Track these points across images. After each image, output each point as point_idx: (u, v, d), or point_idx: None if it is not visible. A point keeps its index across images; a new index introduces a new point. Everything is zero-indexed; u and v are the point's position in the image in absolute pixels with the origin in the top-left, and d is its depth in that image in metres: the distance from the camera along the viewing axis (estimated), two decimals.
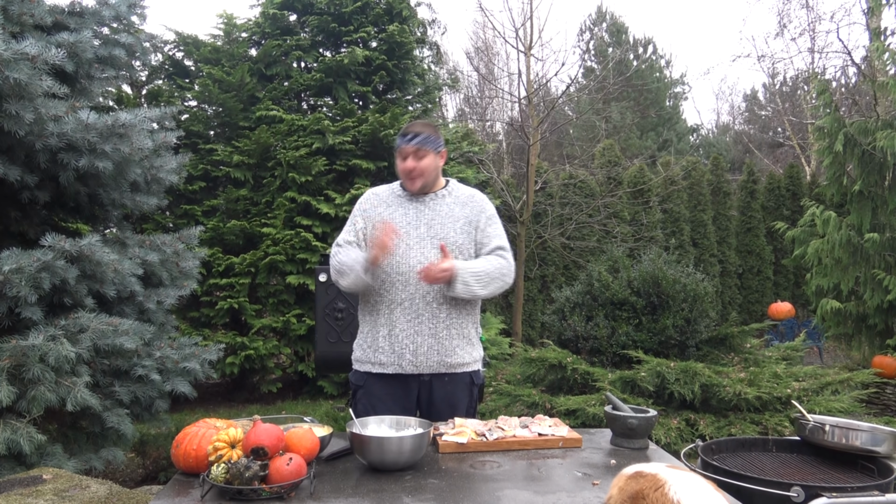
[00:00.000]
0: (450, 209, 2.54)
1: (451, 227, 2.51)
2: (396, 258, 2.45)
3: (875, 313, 6.33)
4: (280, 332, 6.57)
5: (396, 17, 7.37)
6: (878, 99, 8.50)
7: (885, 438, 2.22)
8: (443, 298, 2.46)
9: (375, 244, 2.31)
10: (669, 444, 3.94)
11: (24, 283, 2.94)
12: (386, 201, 2.56)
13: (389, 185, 2.64)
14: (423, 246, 2.47)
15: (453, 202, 2.56)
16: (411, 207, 2.53)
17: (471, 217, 2.54)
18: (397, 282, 2.46)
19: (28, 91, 3.03)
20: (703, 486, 1.25)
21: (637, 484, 1.28)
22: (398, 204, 2.55)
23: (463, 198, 2.59)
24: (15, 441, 2.78)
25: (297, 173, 6.59)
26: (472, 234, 2.53)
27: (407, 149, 2.46)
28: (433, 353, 2.46)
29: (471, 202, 2.58)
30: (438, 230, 2.49)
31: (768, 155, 19.60)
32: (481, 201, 2.61)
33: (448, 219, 2.52)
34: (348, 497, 1.77)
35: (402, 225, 2.49)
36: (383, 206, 2.54)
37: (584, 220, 9.46)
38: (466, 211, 2.55)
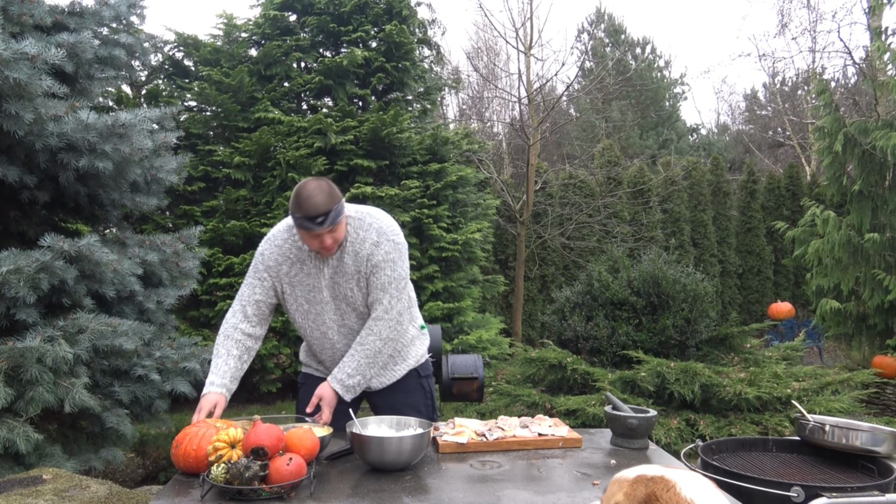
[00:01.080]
0: (342, 263, 2.35)
1: (347, 286, 2.37)
2: (309, 322, 2.42)
3: (875, 313, 6.33)
4: (280, 332, 6.57)
5: (396, 16, 7.36)
6: (878, 99, 8.50)
7: (885, 438, 2.22)
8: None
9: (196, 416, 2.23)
10: (669, 444, 3.94)
11: (22, 284, 2.94)
12: (289, 257, 2.37)
13: (288, 228, 2.39)
14: (330, 308, 2.39)
15: (347, 252, 2.35)
16: (312, 266, 2.36)
17: (359, 268, 2.35)
18: (314, 342, 2.48)
19: (28, 91, 3.03)
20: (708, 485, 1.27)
21: (646, 487, 1.28)
22: (301, 261, 2.36)
23: (356, 244, 2.35)
24: (11, 440, 2.78)
25: (297, 173, 6.59)
26: (362, 285, 2.37)
27: (319, 231, 2.18)
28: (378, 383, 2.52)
29: (360, 251, 2.34)
30: (337, 290, 2.36)
31: (768, 155, 19.60)
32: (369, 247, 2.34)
33: (343, 276, 2.36)
34: (348, 497, 1.77)
35: (308, 288, 2.37)
36: (287, 264, 2.37)
37: (584, 220, 9.46)
38: (357, 264, 2.35)
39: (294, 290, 2.39)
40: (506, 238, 9.49)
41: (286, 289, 2.40)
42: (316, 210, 2.14)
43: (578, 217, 9.39)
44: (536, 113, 9.02)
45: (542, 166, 10.12)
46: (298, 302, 2.40)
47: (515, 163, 13.70)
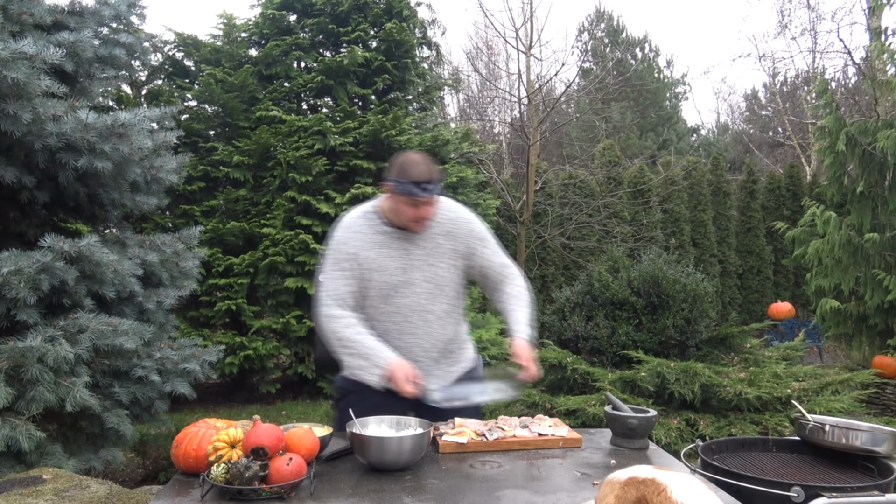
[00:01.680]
0: (435, 243, 2.35)
1: (442, 266, 2.36)
2: (389, 306, 2.33)
3: (875, 313, 6.33)
4: (280, 332, 6.56)
5: (396, 16, 7.36)
6: (878, 99, 8.50)
7: (885, 438, 2.21)
8: (436, 340, 2.39)
9: (403, 387, 2.15)
10: (669, 444, 3.94)
11: (22, 285, 2.93)
12: (371, 241, 2.31)
13: (363, 214, 2.36)
14: (416, 292, 2.34)
15: (437, 232, 2.36)
16: (399, 248, 2.32)
17: (456, 247, 2.38)
18: (391, 330, 2.36)
19: (26, 91, 3.02)
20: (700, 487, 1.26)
21: (637, 490, 1.27)
22: (383, 244, 2.31)
23: (447, 225, 2.37)
24: (14, 438, 2.78)
25: (297, 173, 6.59)
26: (458, 265, 2.39)
27: (423, 199, 2.20)
28: (427, 381, 2.40)
29: (455, 229, 2.38)
30: (429, 271, 2.34)
31: (768, 155, 19.60)
32: (465, 225, 2.40)
33: (435, 255, 2.35)
34: (348, 497, 1.77)
35: (390, 270, 2.31)
36: (368, 247, 2.30)
37: (584, 220, 9.47)
38: (452, 242, 2.37)
39: (381, 276, 2.30)
40: (506, 238, 9.50)
41: (372, 275, 2.30)
42: (425, 176, 2.18)
43: (578, 217, 9.39)
44: (536, 113, 9.02)
45: (542, 166, 10.12)
46: (382, 288, 2.31)
47: (515, 163, 13.70)
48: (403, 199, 2.22)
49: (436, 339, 2.39)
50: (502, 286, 2.46)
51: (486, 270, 2.44)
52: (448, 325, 2.43)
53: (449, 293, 2.39)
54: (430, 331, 2.37)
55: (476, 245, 2.40)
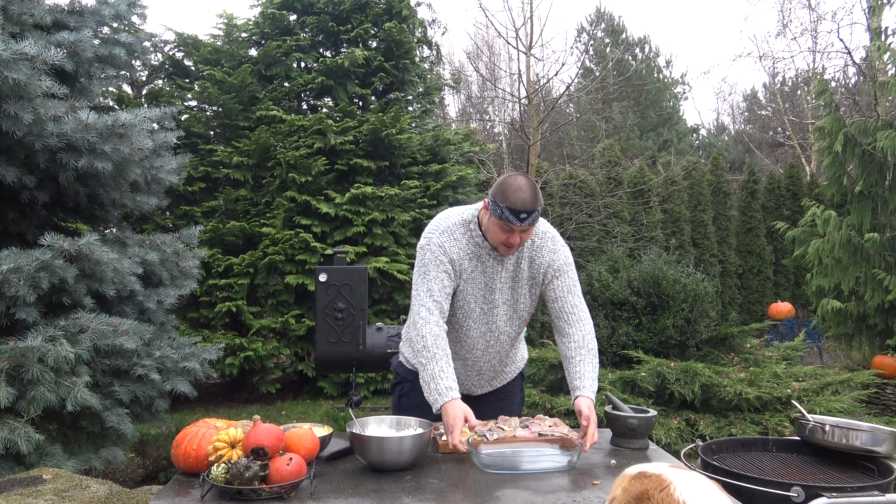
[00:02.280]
0: (520, 268, 2.32)
1: (522, 293, 2.35)
2: (470, 321, 2.32)
3: (875, 313, 6.33)
4: (279, 332, 6.56)
5: (396, 16, 7.36)
6: (878, 99, 8.50)
7: (885, 438, 2.21)
8: (503, 354, 2.44)
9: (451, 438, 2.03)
10: (669, 444, 3.94)
11: (22, 283, 2.93)
12: (468, 253, 2.26)
13: (463, 223, 2.28)
14: (497, 314, 2.33)
15: (523, 256, 2.32)
16: (490, 266, 2.28)
17: (534, 276, 2.34)
18: (465, 342, 2.36)
19: (27, 91, 3.03)
20: (707, 487, 1.24)
21: (641, 484, 1.27)
22: (479, 258, 2.26)
23: (531, 251, 2.32)
24: (12, 441, 2.78)
25: (297, 173, 6.59)
26: (535, 293, 2.37)
27: (517, 227, 2.12)
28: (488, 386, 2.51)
29: (538, 257, 2.32)
30: (510, 295, 2.33)
31: (768, 155, 19.60)
32: (549, 255, 2.32)
33: (519, 281, 2.33)
34: (348, 497, 1.77)
35: (479, 286, 2.29)
36: (467, 260, 2.26)
37: (584, 220, 9.46)
38: (532, 270, 2.33)
39: (467, 287, 2.27)
40: None
41: (461, 285, 2.27)
42: (524, 206, 2.08)
43: (578, 217, 9.39)
44: (536, 113, 9.02)
45: (542, 166, 10.12)
46: (467, 300, 2.29)
47: (516, 163, 13.69)
48: (497, 222, 2.14)
49: (504, 355, 2.46)
50: (568, 328, 2.34)
51: (553, 304, 2.36)
52: (517, 343, 2.51)
53: (524, 317, 2.41)
54: (502, 349, 2.42)
55: (552, 276, 2.34)
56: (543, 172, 9.94)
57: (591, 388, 2.22)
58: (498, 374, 2.51)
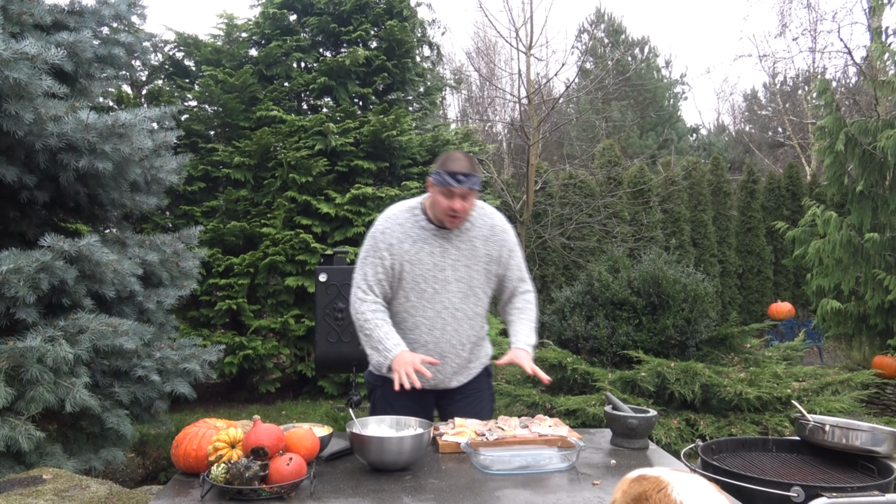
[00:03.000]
0: (472, 246, 2.44)
1: (476, 268, 2.45)
2: (423, 301, 2.40)
3: (875, 313, 6.33)
4: (279, 332, 6.57)
5: (396, 16, 7.37)
6: (878, 99, 8.50)
7: (885, 438, 2.21)
8: (465, 338, 2.48)
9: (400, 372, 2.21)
10: (669, 444, 3.94)
11: (22, 284, 2.93)
12: (411, 235, 2.39)
13: (409, 209, 2.45)
14: (450, 290, 2.42)
15: (475, 236, 2.45)
16: (437, 245, 2.40)
17: (492, 254, 2.47)
18: (422, 325, 2.43)
19: (28, 91, 3.03)
20: (705, 488, 1.26)
21: (640, 486, 1.28)
22: (423, 240, 2.39)
23: (484, 230, 2.46)
24: (13, 438, 2.78)
25: (297, 174, 6.59)
26: (492, 271, 2.49)
27: (457, 190, 2.28)
28: (453, 377, 2.53)
29: (492, 236, 2.47)
30: (463, 272, 2.43)
31: (768, 155, 19.60)
32: (501, 233, 2.50)
33: (472, 259, 2.44)
34: (348, 497, 1.77)
35: (428, 266, 2.39)
36: (409, 242, 2.38)
37: (584, 220, 9.46)
38: (488, 248, 2.46)
39: (413, 269, 2.38)
40: None
41: (405, 266, 2.38)
42: (462, 169, 2.28)
43: (578, 217, 9.39)
44: (536, 113, 9.02)
45: (542, 166, 10.12)
46: (416, 281, 2.39)
47: (516, 163, 13.70)
48: (440, 190, 2.32)
49: (464, 337, 2.48)
50: (513, 300, 2.56)
51: (505, 281, 2.54)
52: (476, 325, 2.52)
53: (480, 295, 2.49)
54: (459, 328, 2.46)
55: (506, 255, 2.51)
56: (543, 172, 9.94)
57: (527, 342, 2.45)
58: (462, 361, 2.51)
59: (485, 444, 2.12)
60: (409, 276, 2.39)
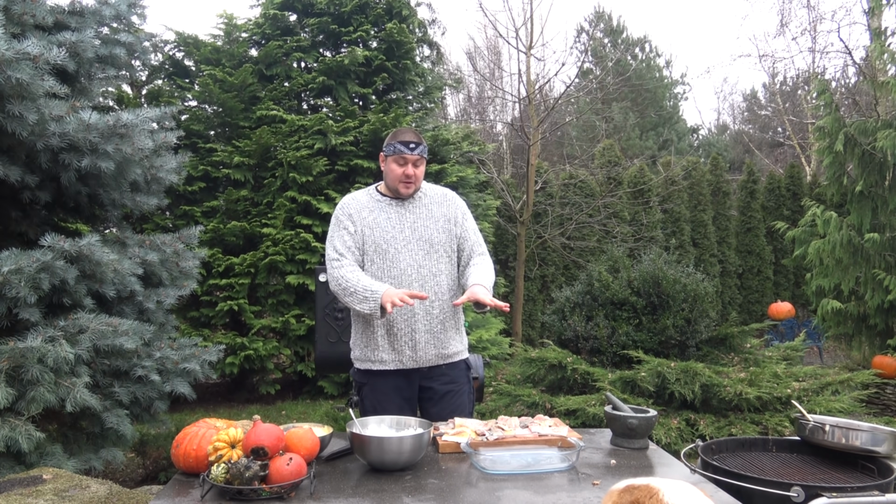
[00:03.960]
0: (429, 210, 2.67)
1: (434, 228, 2.64)
2: (387, 262, 2.57)
3: (875, 313, 6.33)
4: (279, 332, 6.56)
5: (396, 16, 7.37)
6: (878, 99, 8.51)
7: (885, 438, 2.21)
8: (434, 296, 2.58)
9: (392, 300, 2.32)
10: (669, 444, 3.94)
11: (23, 284, 2.94)
12: (368, 206, 2.64)
13: (365, 191, 2.71)
14: (411, 249, 2.59)
15: (430, 202, 2.68)
16: (393, 212, 2.63)
17: (448, 215, 2.68)
18: (390, 285, 2.52)
19: (30, 91, 3.03)
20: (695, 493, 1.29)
21: (631, 496, 1.31)
22: (380, 209, 2.63)
23: (437, 197, 2.71)
24: (13, 439, 2.78)
25: (297, 173, 6.59)
26: (452, 232, 2.67)
27: (410, 157, 2.55)
28: (430, 346, 2.59)
29: (445, 201, 2.71)
30: (422, 231, 2.62)
31: (768, 155, 19.60)
32: (454, 199, 2.74)
33: (429, 220, 2.65)
34: (348, 497, 1.77)
35: (386, 229, 2.59)
36: (367, 211, 2.62)
37: (584, 220, 9.46)
38: (444, 209, 2.68)
39: (374, 233, 2.59)
40: (506, 238, 9.50)
41: (366, 232, 2.59)
42: (410, 137, 2.56)
43: (578, 217, 9.39)
44: (536, 113, 9.02)
45: (542, 166, 10.12)
46: (377, 244, 2.57)
47: (516, 163, 13.70)
48: (393, 159, 2.57)
49: (433, 294, 2.58)
50: (470, 261, 2.69)
51: (463, 242, 2.70)
52: (443, 283, 2.61)
53: (441, 253, 2.63)
54: (426, 284, 2.58)
55: (460, 216, 2.71)
56: (543, 172, 9.94)
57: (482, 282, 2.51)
58: (435, 324, 2.58)
59: (485, 444, 2.12)
60: (370, 241, 2.58)
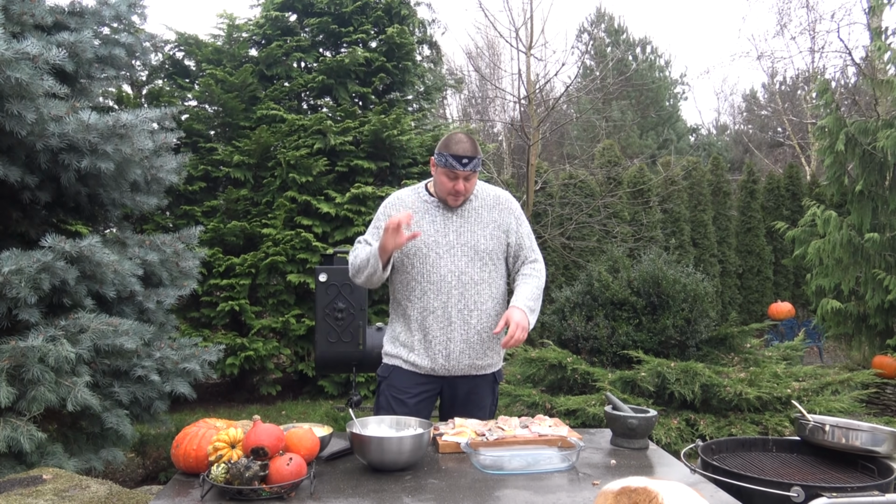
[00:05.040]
0: (478, 214, 2.53)
1: (481, 234, 2.51)
2: (427, 266, 2.47)
3: (875, 313, 6.33)
4: (280, 332, 6.56)
5: (396, 17, 7.37)
6: (878, 99, 8.51)
7: (885, 438, 2.21)
8: (473, 305, 2.49)
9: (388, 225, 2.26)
10: (669, 444, 3.94)
11: (23, 284, 2.94)
12: (412, 207, 2.52)
13: (414, 189, 2.59)
14: (454, 254, 2.47)
15: (480, 206, 2.54)
16: (438, 214, 2.51)
17: (499, 221, 2.55)
18: (429, 290, 2.47)
19: (29, 91, 3.03)
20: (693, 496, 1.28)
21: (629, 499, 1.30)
22: (425, 210, 2.52)
23: (490, 200, 2.57)
24: (15, 439, 2.78)
25: (297, 173, 6.59)
26: (501, 239, 2.54)
27: (461, 173, 2.40)
28: (465, 356, 2.51)
29: (498, 205, 2.57)
30: (468, 237, 2.49)
31: (768, 155, 19.60)
32: (507, 202, 2.59)
33: (477, 225, 2.51)
34: (348, 497, 1.77)
35: (430, 233, 2.48)
36: (411, 212, 2.48)
37: (584, 220, 9.46)
38: (494, 214, 2.54)
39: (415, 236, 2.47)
40: None
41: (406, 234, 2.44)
42: (465, 152, 2.38)
43: (578, 217, 9.39)
44: (536, 113, 9.01)
45: (542, 166, 10.12)
46: (418, 247, 2.46)
47: (516, 163, 13.70)
48: (443, 171, 2.42)
49: (471, 302, 2.48)
50: (522, 268, 2.58)
51: (517, 250, 2.58)
52: (484, 293, 2.50)
53: (487, 261, 2.50)
54: (466, 293, 2.46)
55: (513, 223, 2.57)
56: (543, 172, 9.94)
57: (524, 302, 2.42)
58: (473, 339, 2.49)
59: (485, 444, 2.12)
60: (410, 244, 2.44)
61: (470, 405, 2.57)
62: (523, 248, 2.59)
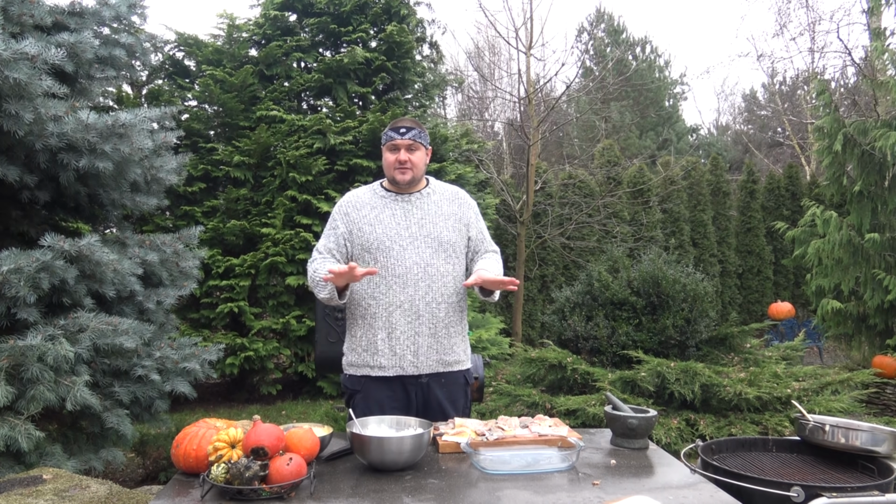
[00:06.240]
0: (438, 206, 2.53)
1: (443, 225, 2.51)
2: (391, 260, 2.43)
3: (875, 313, 6.33)
4: (280, 332, 6.56)
5: (395, 16, 7.37)
6: (877, 99, 8.51)
7: (885, 438, 2.21)
8: (441, 297, 2.46)
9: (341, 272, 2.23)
10: (669, 444, 3.94)
11: (23, 284, 2.94)
12: (370, 203, 2.51)
13: (369, 187, 2.59)
14: (417, 245, 2.45)
15: (440, 199, 2.56)
16: (398, 207, 2.50)
17: (459, 214, 2.56)
18: (394, 284, 2.43)
19: (28, 91, 3.03)
20: None
21: None
22: (383, 205, 2.50)
23: (448, 195, 2.59)
24: (13, 438, 2.78)
25: (297, 173, 6.59)
26: (462, 232, 2.55)
27: (400, 142, 2.45)
28: (433, 352, 2.46)
29: (457, 199, 2.59)
30: (430, 228, 2.48)
31: (768, 155, 19.60)
32: (466, 198, 2.63)
33: (438, 217, 2.51)
34: (348, 497, 1.77)
35: (391, 225, 2.46)
36: (367, 209, 2.50)
37: (584, 220, 9.46)
38: (454, 208, 2.56)
39: (374, 229, 2.46)
40: (506, 238, 9.50)
41: (364, 229, 2.47)
42: (402, 123, 2.47)
43: (578, 217, 9.39)
44: (536, 113, 9.02)
45: (541, 166, 10.13)
46: (380, 240, 2.44)
47: (515, 163, 13.71)
48: (387, 147, 2.49)
49: (438, 294, 2.45)
50: (484, 254, 2.61)
51: (477, 244, 2.60)
52: (449, 285, 2.48)
53: (450, 252, 2.50)
54: (433, 284, 2.45)
55: (472, 217, 2.60)
56: (543, 172, 9.94)
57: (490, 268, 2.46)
58: (441, 333, 2.45)
59: (485, 444, 2.12)
60: (370, 237, 2.44)
61: (443, 407, 2.49)
62: (483, 242, 2.61)
